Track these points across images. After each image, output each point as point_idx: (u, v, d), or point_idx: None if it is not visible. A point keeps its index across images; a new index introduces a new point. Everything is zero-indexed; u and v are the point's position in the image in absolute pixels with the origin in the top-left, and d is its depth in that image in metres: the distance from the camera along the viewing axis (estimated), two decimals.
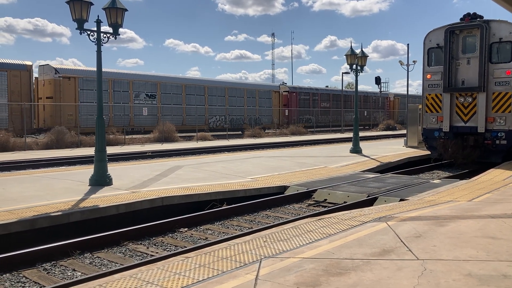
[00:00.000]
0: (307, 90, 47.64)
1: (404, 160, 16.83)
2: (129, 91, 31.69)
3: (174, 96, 34.55)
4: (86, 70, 29.96)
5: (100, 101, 10.46)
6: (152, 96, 33.05)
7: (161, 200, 8.85)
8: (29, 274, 5.61)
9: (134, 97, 31.96)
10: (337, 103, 49.80)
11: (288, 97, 44.61)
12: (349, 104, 50.70)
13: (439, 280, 4.06)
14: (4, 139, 21.35)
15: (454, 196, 8.79)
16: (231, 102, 39.06)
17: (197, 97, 36.18)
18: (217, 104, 37.73)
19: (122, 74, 32.12)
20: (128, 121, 31.31)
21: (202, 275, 4.31)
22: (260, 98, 41.80)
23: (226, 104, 38.53)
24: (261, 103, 41.86)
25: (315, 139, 31.24)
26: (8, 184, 10.35)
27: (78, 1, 9.53)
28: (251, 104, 40.89)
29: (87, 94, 29.20)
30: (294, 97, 44.83)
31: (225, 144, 26.29)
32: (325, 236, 5.70)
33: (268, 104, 42.58)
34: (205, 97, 36.79)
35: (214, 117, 37.50)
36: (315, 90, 48.94)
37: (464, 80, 15.58)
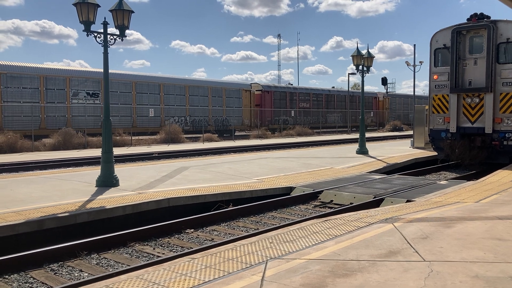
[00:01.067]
0: (283, 89, 44.20)
1: (410, 161, 16.76)
2: (66, 89, 27.96)
3: (122, 95, 30.71)
4: (10, 65, 26.18)
5: (106, 103, 10.52)
6: (94, 95, 29.27)
7: (167, 201, 8.88)
8: (36, 274, 5.65)
9: (72, 95, 28.21)
10: (318, 103, 46.86)
11: (261, 96, 40.92)
12: (333, 104, 48.35)
13: (446, 282, 4.04)
14: (12, 140, 21.50)
15: (461, 197, 8.74)
16: (192, 101, 35.09)
17: (150, 96, 32.44)
18: (175, 103, 33.87)
19: (57, 70, 28.50)
20: (65, 123, 27.28)
21: (208, 276, 4.32)
22: (228, 98, 37.86)
23: (186, 103, 34.62)
24: (229, 103, 37.90)
25: (322, 140, 31.19)
26: (16, 185, 10.43)
27: (85, 3, 9.59)
28: (217, 104, 36.90)
29: (13, 92, 25.60)
30: (269, 96, 41.29)
31: (231, 145, 26.32)
32: (331, 237, 5.69)
33: (237, 104, 38.62)
34: (161, 96, 33.01)
35: (171, 118, 33.48)
36: (293, 89, 45.45)
37: (471, 81, 15.50)
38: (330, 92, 49.20)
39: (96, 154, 18.53)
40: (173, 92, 34.11)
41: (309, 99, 45.95)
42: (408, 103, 58.61)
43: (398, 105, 58.80)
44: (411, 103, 59.38)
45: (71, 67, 30.44)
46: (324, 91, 48.52)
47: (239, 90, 39.08)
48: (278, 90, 43.03)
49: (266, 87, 42.07)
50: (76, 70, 30.03)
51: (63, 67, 29.74)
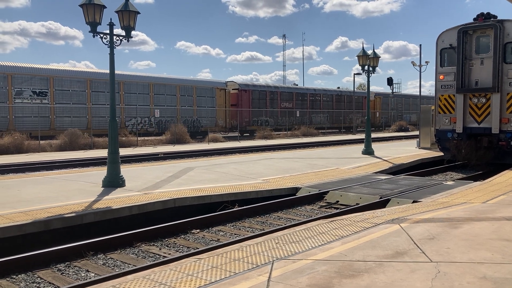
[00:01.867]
0: (263, 88, 41.37)
1: (416, 161, 16.70)
2: (8, 87, 25.64)
3: (75, 93, 28.28)
4: None
5: (113, 103, 10.55)
6: (41, 94, 26.79)
7: (173, 202, 8.89)
8: (43, 274, 5.67)
9: (15, 94, 25.84)
10: (302, 103, 44.43)
11: (238, 96, 38.21)
12: (318, 104, 46.16)
13: (453, 283, 4.02)
14: (19, 141, 21.63)
15: (468, 198, 8.70)
16: (158, 101, 32.56)
17: (108, 95, 28.83)
18: (137, 103, 31.13)
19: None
20: (7, 124, 25.30)
21: (214, 277, 4.32)
22: (200, 97, 35.12)
23: (151, 103, 32.01)
24: (200, 103, 35.17)
25: (327, 141, 31.14)
26: (23, 186, 10.48)
27: (91, 4, 9.63)
28: (186, 103, 34.23)
29: None
30: (246, 95, 38.59)
31: (236, 145, 26.33)
32: (338, 238, 5.68)
33: (211, 103, 35.93)
34: (121, 95, 30.18)
35: (133, 119, 30.96)
36: (274, 88, 42.73)
37: (477, 81, 15.42)
38: (316, 92, 47.08)
39: (102, 155, 18.60)
40: (135, 91, 31.49)
41: (292, 99, 43.68)
42: (403, 102, 57.60)
43: (384, 105, 55.83)
44: (405, 103, 56.93)
45: (13, 63, 27.11)
46: (309, 90, 46.44)
47: (213, 89, 36.30)
48: (257, 89, 40.44)
49: (244, 85, 39.42)
50: (19, 66, 26.97)
51: (3, 63, 26.49)
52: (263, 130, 36.45)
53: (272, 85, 43.81)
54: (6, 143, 21.19)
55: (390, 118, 55.09)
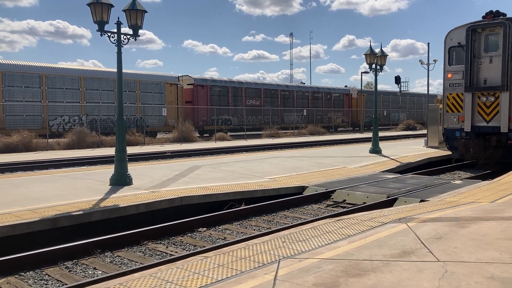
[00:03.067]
0: (224, 83, 37.06)
1: (424, 160, 16.61)
2: None
3: None
4: None
5: (120, 102, 10.59)
6: None
7: (180, 200, 8.92)
8: (51, 272, 5.72)
9: None
10: (272, 100, 40.41)
11: (193, 92, 34.54)
12: (292, 102, 42.34)
13: (461, 283, 4.00)
14: (27, 139, 21.79)
15: (476, 197, 8.64)
16: (91, 97, 28.38)
17: (27, 91, 25.93)
18: (65, 99, 27.30)
19: None
20: None
21: (221, 275, 4.33)
22: (145, 93, 31.33)
23: (82, 100, 27.85)
24: (146, 99, 31.29)
25: (334, 139, 31.07)
26: (31, 184, 10.56)
27: (99, 3, 9.66)
28: (127, 99, 29.78)
29: None
30: (203, 92, 34.91)
31: (243, 144, 26.35)
32: (344, 237, 5.67)
33: (159, 100, 32.12)
34: (43, 90, 26.48)
35: (59, 118, 27.14)
36: (238, 84, 38.10)
37: (486, 79, 15.30)
38: (288, 88, 43.20)
39: (109, 153, 18.70)
40: (62, 86, 27.37)
41: (260, 95, 39.46)
42: (391, 100, 53.77)
43: (369, 103, 50.53)
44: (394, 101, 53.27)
45: None
46: (280, 87, 42.38)
47: (161, 84, 32.38)
48: (217, 84, 36.40)
49: (200, 80, 35.47)
50: None
51: None
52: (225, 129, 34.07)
53: (235, 80, 39.12)
54: (15, 141, 21.37)
55: None
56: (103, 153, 19.78)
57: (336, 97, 47.59)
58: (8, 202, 8.30)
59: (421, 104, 57.38)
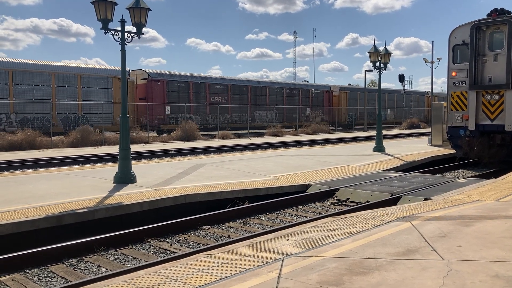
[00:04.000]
0: (184, 78, 33.23)
1: (428, 159, 16.58)
2: None
3: None
4: None
5: (124, 100, 10.61)
6: None
7: (184, 198, 8.93)
8: (56, 269, 5.74)
9: None
10: (241, 97, 36.94)
11: (147, 87, 31.12)
12: (264, 99, 38.96)
13: (465, 281, 3.99)
14: (32, 137, 21.86)
15: (480, 196, 8.62)
16: (22, 93, 25.09)
17: None
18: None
19: None
20: None
21: (225, 273, 4.33)
22: (89, 88, 27.68)
23: (10, 96, 24.63)
24: (89, 96, 27.73)
25: (338, 138, 31.03)
26: (35, 182, 10.60)
27: (103, 1, 9.67)
28: (66, 95, 26.72)
29: None
30: (159, 87, 31.40)
31: (247, 142, 26.35)
32: (348, 235, 5.66)
33: (105, 96, 28.55)
34: None
35: None
36: (201, 79, 34.44)
37: (491, 77, 15.24)
38: (260, 84, 39.29)
39: (113, 151, 18.73)
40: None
41: (227, 92, 36.05)
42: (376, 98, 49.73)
43: (352, 101, 47.86)
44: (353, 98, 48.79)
45: None
46: (250, 82, 38.50)
47: (108, 78, 28.60)
48: (176, 79, 32.76)
49: (155, 75, 31.93)
50: None
51: None
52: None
53: (198, 75, 35.11)
54: (19, 139, 21.42)
55: (358, 115, 47.65)
56: (107, 151, 19.83)
57: (315, 94, 44.04)
58: (12, 200, 8.34)
59: (416, 102, 55.89)
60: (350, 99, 47.24)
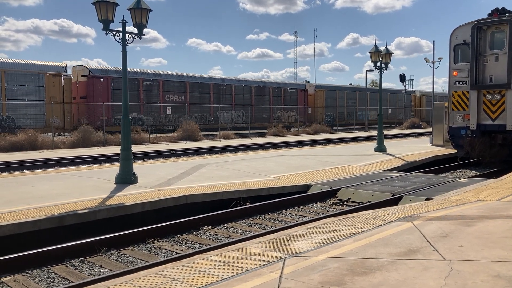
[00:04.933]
0: (133, 75, 29.70)
1: (429, 158, 16.56)
2: None
3: None
4: None
5: (125, 100, 10.62)
6: None
7: (185, 198, 8.94)
8: (58, 270, 5.75)
9: None
10: (202, 96, 33.82)
11: (88, 85, 28.02)
12: (229, 98, 35.83)
13: (467, 281, 3.99)
14: (33, 138, 21.88)
15: (481, 196, 8.61)
16: None
17: None
18: None
19: None
20: None
21: (226, 273, 4.34)
22: (16, 86, 24.68)
23: None
24: (16, 94, 24.78)
25: (339, 138, 31.01)
26: (37, 182, 10.61)
27: (104, 2, 9.68)
28: None
29: None
30: (103, 85, 28.29)
31: (248, 142, 26.36)
32: (350, 235, 5.67)
33: (36, 95, 25.44)
34: None
35: None
36: (153, 76, 31.25)
37: (492, 77, 15.23)
38: (224, 82, 36.00)
39: (114, 152, 18.75)
40: None
41: (185, 90, 32.86)
42: (357, 97, 47.25)
43: (330, 100, 44.45)
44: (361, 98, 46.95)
45: None
46: (213, 80, 35.32)
47: (40, 75, 25.59)
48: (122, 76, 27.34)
49: (98, 71, 28.62)
50: None
51: None
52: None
53: (151, 71, 31.87)
54: (20, 140, 21.47)
55: (336, 115, 44.95)
56: (108, 152, 19.85)
57: (288, 93, 40.79)
58: (14, 200, 8.36)
59: (395, 101, 52.27)
60: (328, 98, 44.31)
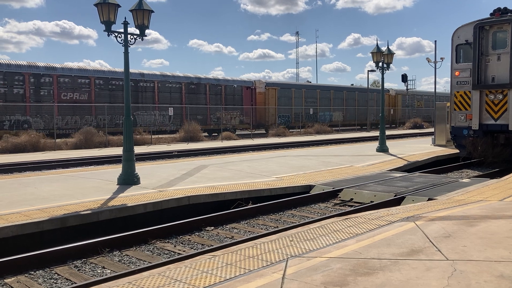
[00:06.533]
0: (15, 68, 24.84)
1: (432, 159, 16.54)
2: None
3: None
4: None
5: (127, 101, 10.63)
6: None
7: (187, 199, 8.94)
8: (60, 271, 5.76)
9: None
10: (113, 94, 28.71)
11: None
12: (150, 96, 30.84)
13: (470, 281, 3.98)
14: (35, 139, 21.92)
15: (484, 196, 8.59)
16: None
17: None
18: None
19: None
20: None
21: (229, 274, 4.34)
22: None
23: None
24: None
25: (341, 138, 30.99)
26: (39, 183, 10.63)
27: (106, 4, 9.70)
28: None
29: None
30: None
31: (250, 143, 26.35)
32: (352, 235, 5.66)
33: None
34: None
35: None
36: (44, 70, 26.01)
37: (494, 77, 15.20)
38: (144, 78, 30.89)
39: (117, 153, 18.77)
40: None
41: (90, 87, 27.89)
42: (318, 96, 43.40)
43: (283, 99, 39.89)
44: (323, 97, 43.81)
45: None
46: (133, 75, 28.76)
47: None
48: (1, 69, 24.42)
49: None
50: None
51: None
52: None
53: (42, 65, 26.38)
54: (23, 141, 21.49)
55: (292, 116, 40.77)
56: (110, 153, 19.86)
57: (231, 92, 35.86)
58: (17, 202, 8.37)
59: (373, 100, 48.84)
60: (281, 97, 39.61)
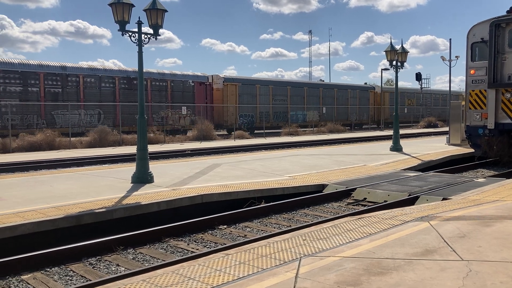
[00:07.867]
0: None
1: (446, 158, 16.37)
2: None
3: None
4: None
5: (141, 101, 10.70)
6: None
7: (200, 198, 8.98)
8: (75, 268, 5.83)
9: None
10: (27, 90, 25.07)
11: None
12: (74, 93, 27.05)
13: (485, 282, 3.94)
14: (51, 138, 22.21)
15: (500, 196, 8.48)
16: None
17: None
18: None
19: None
20: None
21: (242, 272, 4.35)
22: None
23: None
24: None
25: (354, 137, 30.84)
26: (55, 182, 10.76)
27: (120, 3, 9.77)
28: None
29: None
30: None
31: (262, 142, 26.36)
32: (366, 235, 5.63)
33: None
34: None
35: None
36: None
37: (510, 75, 14.98)
38: (66, 71, 26.84)
39: (131, 151, 18.92)
40: None
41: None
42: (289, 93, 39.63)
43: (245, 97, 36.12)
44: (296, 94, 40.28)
45: None
46: (43, 68, 26.01)
47: None
48: None
49: None
50: None
51: None
52: None
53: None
54: (38, 140, 21.79)
55: (257, 116, 36.98)
56: (124, 151, 20.02)
57: (180, 88, 32.15)
58: (33, 199, 8.49)
59: (355, 98, 46.71)
60: (243, 94, 35.90)
